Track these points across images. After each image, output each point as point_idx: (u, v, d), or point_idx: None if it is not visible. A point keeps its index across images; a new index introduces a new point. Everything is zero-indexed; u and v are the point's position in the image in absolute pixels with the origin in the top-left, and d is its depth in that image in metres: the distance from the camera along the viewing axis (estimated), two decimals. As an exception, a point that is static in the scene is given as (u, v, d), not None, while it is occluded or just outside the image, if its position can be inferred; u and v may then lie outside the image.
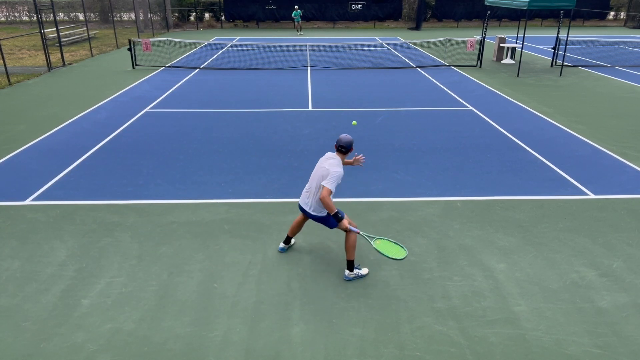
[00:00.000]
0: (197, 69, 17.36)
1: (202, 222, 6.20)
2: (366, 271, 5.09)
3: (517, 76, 15.91)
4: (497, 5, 17.24)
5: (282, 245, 5.56)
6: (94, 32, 28.06)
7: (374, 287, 4.89)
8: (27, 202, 6.77)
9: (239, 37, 27.83)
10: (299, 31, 30.24)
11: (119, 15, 36.82)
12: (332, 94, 13.31)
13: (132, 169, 7.95)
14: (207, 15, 36.08)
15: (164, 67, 17.51)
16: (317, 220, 5.03)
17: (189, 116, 11.16)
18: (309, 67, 17.54)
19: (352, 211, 6.36)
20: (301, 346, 4.10)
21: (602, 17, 35.96)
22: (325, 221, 5.00)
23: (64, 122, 10.64)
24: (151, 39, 20.54)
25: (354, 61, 18.82)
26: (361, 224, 6.06)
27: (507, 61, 18.89)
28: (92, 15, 35.27)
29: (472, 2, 34.10)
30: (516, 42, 19.86)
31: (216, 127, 10.31)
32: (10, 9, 37.33)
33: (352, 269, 5.01)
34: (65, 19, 35.74)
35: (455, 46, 20.47)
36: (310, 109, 11.85)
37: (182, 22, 35.47)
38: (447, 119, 10.93)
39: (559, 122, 10.64)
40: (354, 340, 4.17)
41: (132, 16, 34.87)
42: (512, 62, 18.73)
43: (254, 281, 5.00)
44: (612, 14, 37.72)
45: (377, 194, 7.05)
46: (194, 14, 34.96)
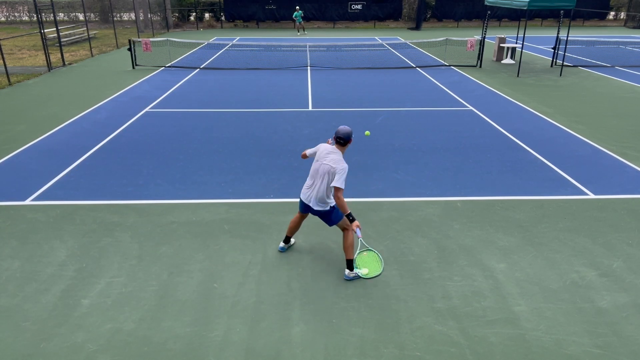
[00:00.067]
0: (197, 69, 17.37)
1: (202, 222, 6.20)
2: (366, 271, 5.09)
3: (517, 76, 15.91)
4: (497, 5, 17.24)
5: (282, 244, 5.56)
6: (94, 32, 28.06)
7: (374, 287, 4.89)
8: (27, 202, 6.77)
9: (239, 37, 27.83)
10: (299, 31, 30.24)
11: (119, 15, 36.84)
12: (332, 94, 13.31)
13: (132, 169, 7.96)
14: (207, 15, 36.09)
15: (164, 67, 17.51)
16: (319, 214, 5.02)
17: (189, 116, 11.16)
18: (309, 67, 17.54)
19: (352, 211, 6.34)
20: (301, 346, 4.10)
21: (602, 17, 35.96)
22: (326, 216, 5.00)
23: (64, 122, 10.64)
24: (151, 39, 20.55)
25: (354, 61, 18.82)
26: (361, 224, 6.05)
27: (507, 61, 18.89)
28: (92, 15, 35.28)
29: (472, 2, 34.11)
30: (516, 42, 19.86)
31: (216, 127, 10.31)
32: (10, 9, 37.34)
33: (352, 269, 5.02)
34: (65, 19, 35.75)
35: (455, 46, 20.47)
36: (310, 109, 11.85)
37: (182, 22, 35.48)
38: (447, 119, 10.93)
39: (559, 122, 10.64)
40: (354, 340, 4.17)
41: (132, 16, 34.88)
42: (512, 62, 18.73)
43: (254, 281, 5.00)
44: (612, 14, 37.73)
45: (377, 194, 7.05)
46: (194, 14, 34.97)
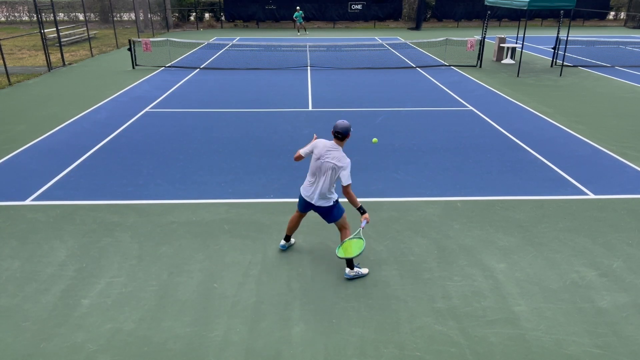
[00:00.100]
0: (197, 69, 17.37)
1: (202, 222, 6.20)
2: (366, 271, 5.09)
3: (517, 76, 15.91)
4: (497, 5, 17.24)
5: (282, 242, 5.58)
6: (94, 32, 28.06)
7: (374, 287, 4.89)
8: (27, 202, 6.77)
9: (239, 37, 27.83)
10: (299, 31, 30.24)
11: (119, 15, 36.84)
12: (332, 94, 13.31)
13: (132, 169, 7.96)
14: (207, 15, 36.09)
15: (164, 67, 17.51)
16: (321, 211, 5.02)
17: (189, 116, 11.16)
18: (309, 67, 17.54)
19: (352, 211, 6.34)
20: (301, 346, 4.10)
21: (602, 17, 35.96)
22: (328, 213, 5.01)
23: (64, 122, 10.64)
24: (151, 39, 20.54)
25: (354, 61, 18.81)
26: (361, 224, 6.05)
27: (507, 61, 18.89)
28: (92, 15, 35.28)
29: (472, 2, 34.11)
30: (516, 42, 19.85)
31: (216, 127, 10.31)
32: (10, 9, 37.35)
33: (353, 267, 5.02)
34: (65, 19, 35.75)
35: (455, 46, 20.46)
36: (310, 109, 11.85)
37: (182, 22, 35.48)
38: (447, 119, 10.92)
39: (559, 122, 10.64)
40: (354, 340, 4.17)
41: (132, 16, 34.88)
42: (512, 62, 18.73)
43: (254, 281, 5.00)
44: (612, 14, 37.73)
45: (377, 194, 7.05)
46: (194, 14, 34.97)
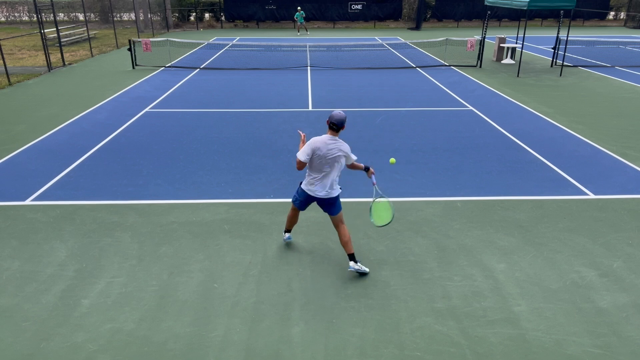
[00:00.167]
0: (197, 69, 17.37)
1: (202, 222, 6.20)
2: (367, 270, 5.09)
3: (517, 76, 15.91)
4: (497, 5, 17.24)
5: (287, 235, 5.64)
6: (94, 32, 28.07)
7: (374, 287, 4.89)
8: (27, 202, 6.77)
9: (239, 37, 27.83)
10: (299, 31, 30.25)
11: (119, 15, 36.85)
12: (332, 94, 13.31)
13: (132, 169, 7.95)
14: (207, 15, 36.10)
15: (164, 67, 17.51)
16: (327, 202, 5.03)
17: (189, 116, 11.16)
18: (309, 67, 17.54)
19: (352, 211, 6.36)
20: (301, 346, 4.10)
21: (602, 17, 35.97)
22: (333, 204, 5.04)
23: (64, 122, 10.64)
24: (151, 39, 20.54)
25: (354, 61, 18.82)
26: (361, 224, 6.06)
27: (507, 61, 18.89)
28: (92, 15, 35.29)
29: (472, 2, 34.12)
30: (516, 42, 19.85)
31: (216, 127, 10.31)
32: (10, 9, 37.35)
33: (356, 261, 5.05)
34: (65, 19, 35.75)
35: (455, 46, 20.47)
36: (310, 109, 11.85)
37: (182, 22, 35.49)
38: (447, 119, 10.92)
39: (559, 122, 10.64)
40: (354, 340, 4.17)
41: (132, 16, 34.89)
42: (512, 62, 18.73)
43: (254, 281, 5.00)
44: (612, 14, 37.74)
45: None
46: (194, 14, 34.97)
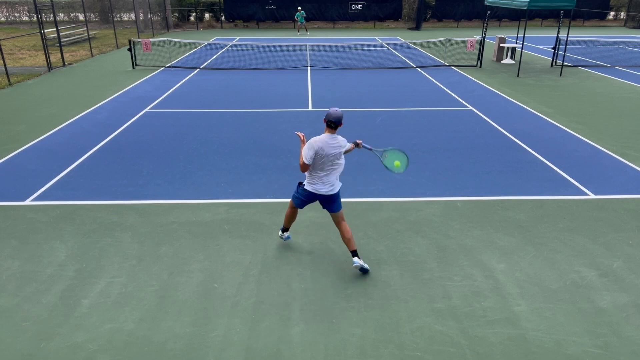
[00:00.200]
0: (197, 69, 17.37)
1: (202, 222, 6.20)
2: (368, 268, 5.12)
3: (517, 76, 15.91)
4: (497, 5, 17.24)
5: (286, 234, 5.59)
6: (94, 32, 28.07)
7: (374, 287, 4.89)
8: (27, 202, 6.77)
9: (239, 37, 27.84)
10: (299, 31, 30.25)
11: (119, 15, 36.86)
12: (332, 94, 13.31)
13: (132, 169, 7.95)
14: (207, 15, 36.11)
15: (164, 68, 17.51)
16: (329, 200, 5.05)
17: (189, 116, 11.16)
18: (309, 67, 17.54)
19: (352, 211, 6.36)
20: (301, 346, 4.10)
21: (602, 17, 35.97)
22: (334, 201, 5.07)
23: (64, 122, 10.64)
24: (151, 39, 20.54)
25: (354, 61, 18.82)
26: (361, 224, 6.06)
27: (507, 61, 18.89)
28: (92, 15, 35.30)
29: (472, 2, 34.11)
30: (516, 42, 19.85)
31: (216, 127, 10.31)
32: (10, 9, 37.36)
33: (359, 257, 5.08)
34: (65, 19, 35.76)
35: (455, 46, 20.46)
36: (310, 109, 11.85)
37: (182, 22, 35.49)
38: (447, 119, 10.92)
39: (559, 122, 10.64)
40: (354, 340, 4.17)
41: (132, 16, 34.89)
42: (512, 62, 18.73)
43: (254, 281, 5.00)
44: (612, 14, 37.74)
45: (377, 194, 7.05)
46: (194, 14, 34.98)
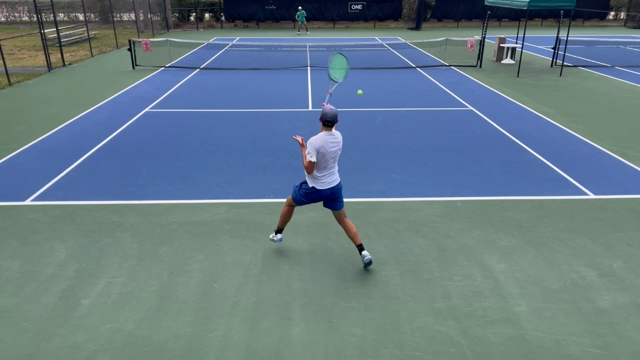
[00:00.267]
0: (197, 69, 17.37)
1: (202, 222, 6.20)
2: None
3: (517, 76, 15.91)
4: (497, 5, 17.24)
5: (279, 236, 5.52)
6: (94, 32, 28.07)
7: (374, 287, 4.89)
8: (27, 202, 6.77)
9: (239, 37, 27.83)
10: (299, 31, 30.26)
11: (119, 15, 36.86)
12: (332, 94, 13.28)
13: (132, 169, 7.95)
14: (207, 15, 36.11)
15: (164, 68, 17.51)
16: (335, 198, 5.10)
17: (189, 116, 11.16)
18: (309, 67, 17.54)
19: (352, 211, 6.36)
20: (301, 346, 4.10)
21: (602, 17, 35.97)
22: (336, 199, 5.13)
23: (64, 122, 10.64)
24: (151, 39, 20.54)
25: (354, 61, 18.78)
26: (361, 224, 6.06)
27: (507, 61, 18.89)
28: (92, 15, 35.30)
29: (472, 2, 34.11)
30: (516, 42, 19.85)
31: (216, 127, 10.31)
32: (10, 9, 37.36)
33: (364, 249, 5.21)
34: (65, 19, 35.75)
35: (455, 46, 20.45)
36: (310, 109, 11.85)
37: (182, 22, 35.49)
38: (447, 119, 10.92)
39: (559, 122, 10.64)
40: (354, 340, 4.17)
41: (132, 16, 34.89)
42: (512, 62, 18.73)
43: (254, 281, 5.00)
44: (612, 14, 37.74)
45: (377, 194, 7.05)
46: (194, 14, 34.98)
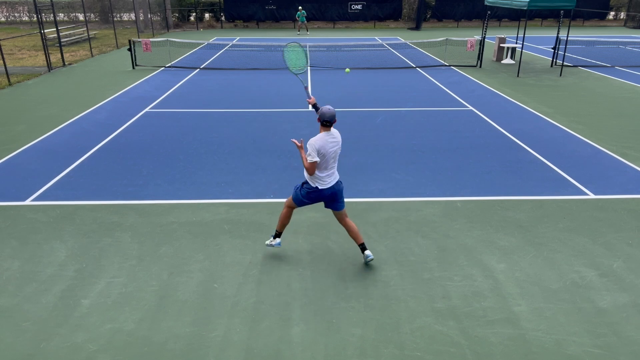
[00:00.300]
0: (197, 69, 17.37)
1: (202, 222, 6.20)
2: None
3: (517, 76, 15.91)
4: (497, 5, 17.24)
5: (277, 240, 5.42)
6: (94, 32, 28.06)
7: (374, 287, 4.89)
8: (27, 202, 6.77)
9: (239, 37, 27.83)
10: (299, 31, 30.27)
11: (119, 15, 36.85)
12: (332, 94, 13.31)
13: (132, 169, 7.95)
14: (207, 15, 36.10)
15: (164, 68, 17.51)
16: (336, 199, 5.09)
17: (189, 116, 11.16)
18: (309, 67, 17.54)
19: (352, 211, 6.35)
20: (301, 346, 4.10)
21: (602, 17, 35.96)
22: (337, 200, 5.12)
23: (64, 123, 10.64)
24: (151, 39, 20.54)
25: (354, 61, 18.81)
26: (361, 224, 6.06)
27: (507, 61, 18.89)
28: (92, 15, 35.30)
29: (472, 2, 34.10)
30: (516, 42, 19.85)
31: (216, 127, 10.31)
32: (10, 9, 37.35)
33: (367, 248, 5.27)
34: (65, 19, 35.75)
35: (455, 46, 20.45)
36: (310, 109, 11.85)
37: (182, 22, 35.49)
38: (447, 119, 10.92)
39: (559, 122, 10.64)
40: (354, 340, 4.17)
41: (132, 16, 34.88)
42: (512, 62, 18.73)
43: (254, 281, 5.00)
44: (612, 14, 37.74)
45: (377, 194, 7.05)
46: (194, 14, 34.97)
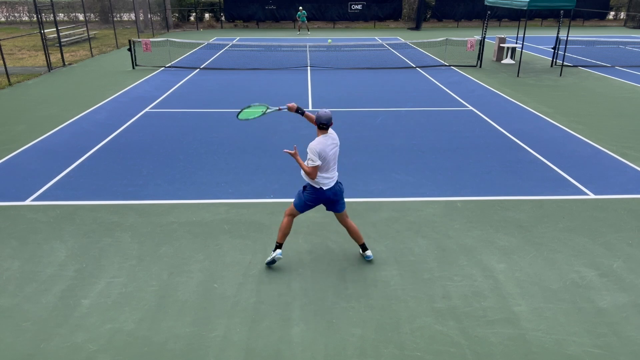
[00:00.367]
0: (197, 69, 17.37)
1: (202, 222, 6.20)
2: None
3: (517, 76, 15.91)
4: (497, 5, 17.24)
5: (279, 251, 5.15)
6: (94, 32, 28.06)
7: (374, 287, 4.89)
8: (27, 202, 6.77)
9: (239, 37, 27.83)
10: (299, 31, 30.27)
11: (119, 15, 36.85)
12: (332, 94, 13.31)
13: (132, 169, 7.95)
14: (207, 15, 36.10)
15: (164, 68, 17.51)
16: (337, 201, 5.09)
17: (189, 116, 11.16)
18: (309, 67, 17.54)
19: (352, 211, 6.35)
20: (301, 346, 4.10)
21: (602, 17, 35.96)
22: (338, 201, 5.12)
23: (64, 123, 10.64)
24: (151, 39, 20.54)
25: (354, 61, 18.81)
26: (361, 224, 6.05)
27: (507, 61, 18.89)
28: (92, 15, 35.30)
29: (472, 2, 34.10)
30: (516, 42, 19.85)
31: (216, 127, 10.31)
32: (10, 9, 37.35)
33: (367, 248, 5.33)
34: (65, 19, 35.76)
35: (455, 46, 20.45)
36: (310, 109, 11.84)
37: (182, 22, 35.49)
38: (447, 119, 10.92)
39: (559, 122, 10.64)
40: (354, 340, 4.17)
41: (132, 16, 34.88)
42: (512, 62, 18.72)
43: (254, 281, 5.00)
44: (612, 14, 37.74)
45: (377, 194, 7.05)
46: (194, 14, 34.97)
